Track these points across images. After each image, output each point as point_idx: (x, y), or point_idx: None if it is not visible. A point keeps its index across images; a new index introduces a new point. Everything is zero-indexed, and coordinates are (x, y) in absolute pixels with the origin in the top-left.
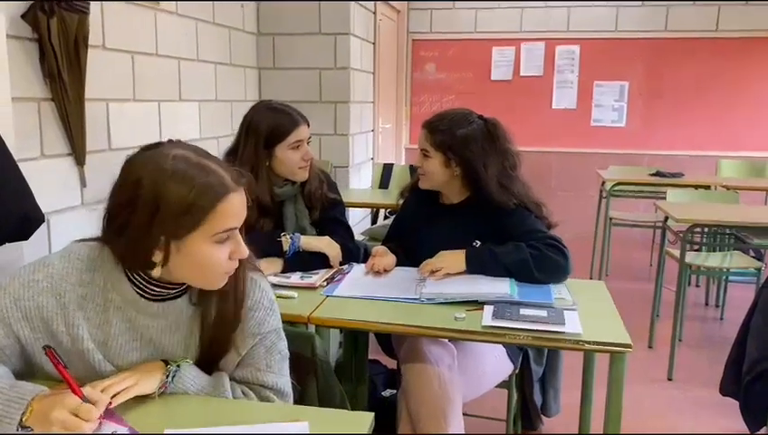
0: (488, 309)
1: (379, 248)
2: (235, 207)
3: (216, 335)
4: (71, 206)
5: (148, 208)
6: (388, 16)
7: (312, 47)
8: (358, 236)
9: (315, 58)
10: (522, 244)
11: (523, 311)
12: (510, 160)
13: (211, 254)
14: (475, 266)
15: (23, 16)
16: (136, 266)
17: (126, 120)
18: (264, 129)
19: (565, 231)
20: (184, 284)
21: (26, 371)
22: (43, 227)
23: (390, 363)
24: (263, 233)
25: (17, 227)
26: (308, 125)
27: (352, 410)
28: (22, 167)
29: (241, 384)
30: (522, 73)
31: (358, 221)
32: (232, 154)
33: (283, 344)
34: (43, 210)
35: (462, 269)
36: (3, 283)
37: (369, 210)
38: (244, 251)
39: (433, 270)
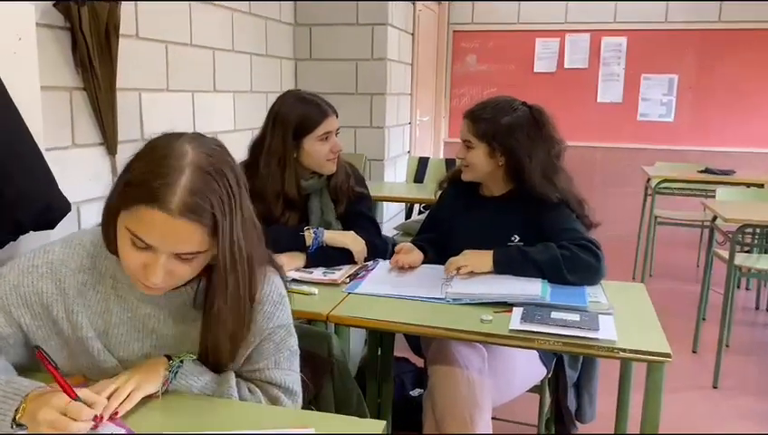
0: (517, 311)
1: (404, 245)
2: (154, 223)
3: (219, 336)
4: (102, 196)
5: (121, 178)
6: (428, 7)
7: (350, 38)
8: (391, 232)
9: (352, 49)
10: (551, 244)
11: (555, 314)
12: (555, 149)
13: (124, 246)
14: (503, 265)
15: (54, 5)
16: (111, 250)
17: (159, 111)
18: (293, 120)
19: (608, 229)
20: None
21: (32, 363)
22: (73, 216)
23: (420, 362)
24: (286, 227)
25: (41, 216)
26: (336, 116)
27: (377, 409)
28: (52, 156)
29: (248, 381)
30: (566, 66)
31: (392, 216)
32: (258, 146)
33: (294, 341)
34: (74, 200)
35: (488, 269)
36: (3, 271)
37: (403, 205)
38: (157, 276)
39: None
